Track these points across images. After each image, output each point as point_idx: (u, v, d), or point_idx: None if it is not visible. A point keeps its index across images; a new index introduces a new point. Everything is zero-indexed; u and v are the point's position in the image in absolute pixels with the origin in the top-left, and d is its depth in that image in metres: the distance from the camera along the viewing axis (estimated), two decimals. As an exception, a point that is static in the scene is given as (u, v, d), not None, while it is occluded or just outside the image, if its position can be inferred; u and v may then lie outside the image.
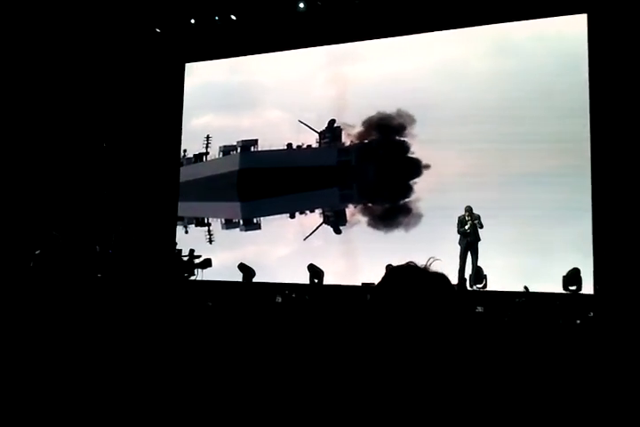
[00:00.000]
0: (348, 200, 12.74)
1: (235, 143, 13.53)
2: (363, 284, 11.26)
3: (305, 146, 12.71)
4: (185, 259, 12.70)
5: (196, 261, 12.52)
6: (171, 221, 14.29)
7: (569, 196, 10.73)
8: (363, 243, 12.41)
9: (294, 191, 12.70)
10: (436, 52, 12.35)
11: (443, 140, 11.86)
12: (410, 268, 1.93)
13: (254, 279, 12.26)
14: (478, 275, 10.51)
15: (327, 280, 11.91)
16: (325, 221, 12.81)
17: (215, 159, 13.83)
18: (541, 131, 11.07)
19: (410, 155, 12.05)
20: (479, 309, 7.91)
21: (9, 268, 9.01)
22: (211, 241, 13.76)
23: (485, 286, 10.47)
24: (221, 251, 13.30)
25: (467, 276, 10.81)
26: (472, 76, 11.86)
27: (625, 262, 9.56)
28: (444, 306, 1.88)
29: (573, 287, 10.00)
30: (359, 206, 12.58)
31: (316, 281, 11.77)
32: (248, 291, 11.15)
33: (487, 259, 10.87)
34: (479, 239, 10.91)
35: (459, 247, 11.09)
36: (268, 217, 13.10)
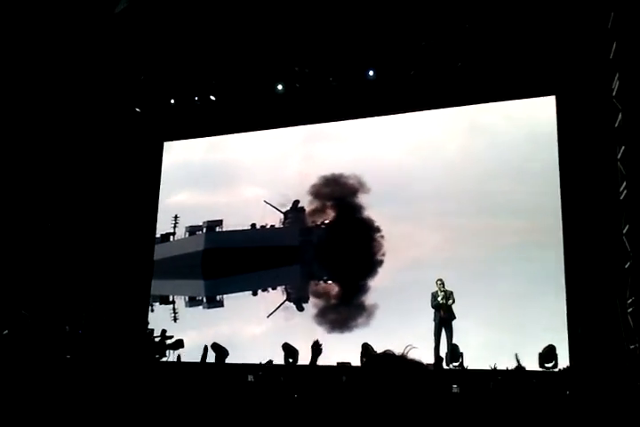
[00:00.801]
0: (309, 278, 12.93)
1: (201, 223, 13.79)
2: (338, 363, 10.97)
3: (269, 226, 13.09)
4: (157, 340, 12.36)
5: (168, 341, 12.19)
6: (143, 301, 13.99)
7: (543, 271, 10.72)
8: (333, 320, 12.38)
9: (257, 270, 12.94)
10: (410, 132, 12.62)
11: (416, 218, 11.99)
12: (388, 356, 1.99)
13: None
14: (454, 353, 10.27)
15: (302, 359, 11.62)
16: (288, 299, 12.92)
17: (181, 239, 14.06)
18: (514, 207, 11.20)
19: (376, 233, 12.18)
20: (455, 388, 7.66)
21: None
22: (175, 319, 13.68)
23: (462, 364, 10.20)
24: (190, 329, 13.06)
25: (443, 353, 10.59)
26: (446, 155, 12.08)
27: (599, 337, 9.47)
28: (420, 396, 1.94)
29: (549, 365, 9.82)
30: (321, 284, 12.74)
31: (291, 361, 11.42)
32: (220, 372, 10.79)
33: (463, 336, 10.69)
34: (454, 316, 10.79)
35: (432, 323, 10.95)
36: (230, 295, 13.22)
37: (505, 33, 11.00)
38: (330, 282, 12.62)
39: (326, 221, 12.66)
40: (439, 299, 10.85)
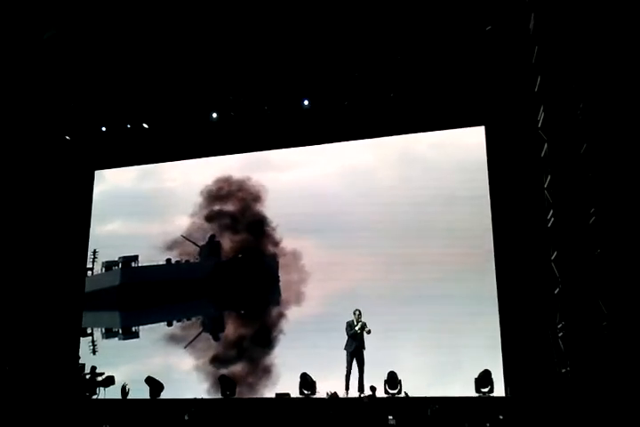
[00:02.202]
0: (221, 309, 13.21)
1: (117, 259, 13.90)
2: (277, 395, 10.85)
3: (184, 260, 13.42)
4: (87, 377, 11.96)
5: (99, 378, 11.82)
6: (73, 335, 13.52)
7: (476, 296, 10.96)
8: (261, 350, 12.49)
9: (171, 302, 13.30)
10: (344, 160, 12.78)
11: (349, 246, 12.08)
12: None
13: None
14: (393, 380, 10.29)
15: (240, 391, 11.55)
16: (204, 329, 13.16)
17: (97, 275, 14.11)
18: (447, 233, 11.43)
19: (299, 261, 12.44)
20: (391, 420, 7.66)
21: None
22: (94, 352, 13.58)
23: (400, 391, 10.24)
24: (121, 364, 12.86)
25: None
26: (380, 183, 12.29)
27: (533, 362, 9.70)
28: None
29: (485, 389, 9.95)
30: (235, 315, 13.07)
31: (228, 393, 11.22)
32: (154, 409, 10.52)
33: (400, 362, 10.74)
34: (364, 346, 10.94)
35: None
36: (145, 326, 13.45)
37: (436, 66, 11.32)
38: (242, 313, 13.01)
39: (239, 256, 13.09)
40: (356, 328, 10.97)
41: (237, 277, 13.01)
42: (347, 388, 10.80)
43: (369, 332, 10.86)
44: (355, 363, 10.93)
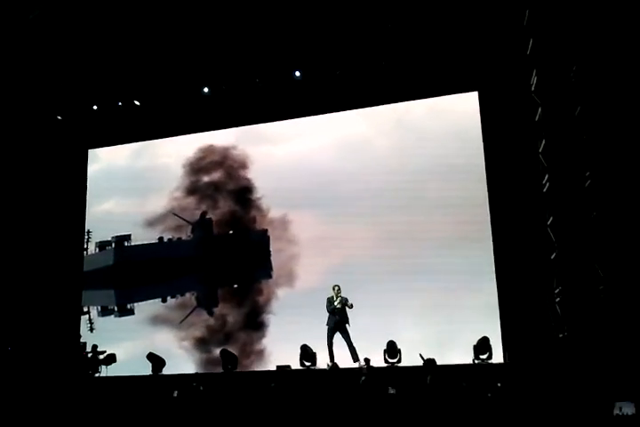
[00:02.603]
0: (214, 284, 13.27)
1: (110, 238, 13.95)
2: (278, 367, 10.91)
3: (176, 238, 13.54)
4: (89, 355, 12.05)
5: (100, 357, 11.91)
6: (74, 313, 13.60)
7: (474, 264, 10.91)
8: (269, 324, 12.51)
9: (164, 279, 13.40)
10: (338, 131, 12.64)
11: (349, 214, 12.00)
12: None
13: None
14: (392, 350, 10.32)
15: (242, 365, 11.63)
16: (199, 304, 13.27)
17: (91, 255, 14.13)
18: (444, 202, 11.33)
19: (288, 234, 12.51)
20: (391, 390, 7.69)
21: None
22: (92, 329, 13.70)
23: (400, 360, 10.28)
24: (120, 341, 12.89)
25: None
26: (375, 153, 12.17)
27: (531, 327, 9.73)
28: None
29: (484, 356, 9.97)
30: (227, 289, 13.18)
31: (230, 367, 11.29)
32: (151, 386, 10.59)
33: (399, 332, 10.73)
34: (347, 321, 10.93)
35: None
36: (140, 303, 13.58)
37: (427, 32, 11.18)
38: (235, 286, 13.10)
39: (230, 232, 13.16)
40: (335, 304, 10.94)
41: (229, 253, 13.06)
42: (331, 360, 10.79)
43: (351, 306, 10.80)
44: (341, 337, 10.91)
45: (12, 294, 12.98)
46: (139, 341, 12.99)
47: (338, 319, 10.91)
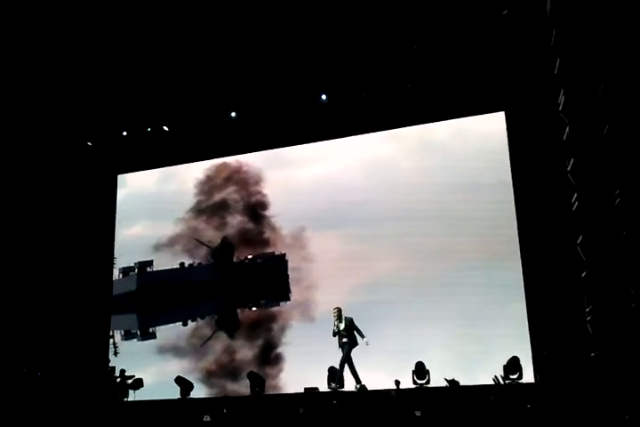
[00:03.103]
0: (235, 307, 13.39)
1: (133, 264, 14.24)
2: (306, 389, 10.82)
3: (196, 263, 13.83)
4: (117, 380, 12.08)
5: (128, 381, 11.94)
6: (102, 338, 13.66)
7: (502, 283, 10.81)
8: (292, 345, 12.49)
9: (184, 303, 13.73)
10: (364, 153, 12.70)
11: (373, 238, 12.00)
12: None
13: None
14: (421, 370, 10.18)
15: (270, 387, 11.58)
16: (219, 328, 13.42)
17: (115, 280, 14.41)
18: (471, 222, 11.28)
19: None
20: (417, 413, 7.56)
21: None
22: (116, 353, 13.87)
23: (429, 381, 10.14)
24: (144, 366, 13.08)
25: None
26: (401, 174, 12.19)
27: (562, 347, 9.53)
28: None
29: (514, 376, 9.81)
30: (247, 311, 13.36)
31: (257, 389, 11.22)
32: (180, 410, 10.57)
33: (427, 352, 10.64)
34: (354, 342, 10.82)
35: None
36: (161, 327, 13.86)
37: (453, 53, 11.18)
38: (254, 309, 13.28)
39: (249, 256, 13.39)
40: (334, 328, 10.93)
41: (249, 278, 13.26)
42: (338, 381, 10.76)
43: (355, 329, 10.74)
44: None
45: (41, 318, 13.09)
46: (159, 365, 13.20)
47: (343, 342, 10.82)
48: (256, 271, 13.15)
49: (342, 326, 10.85)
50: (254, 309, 13.20)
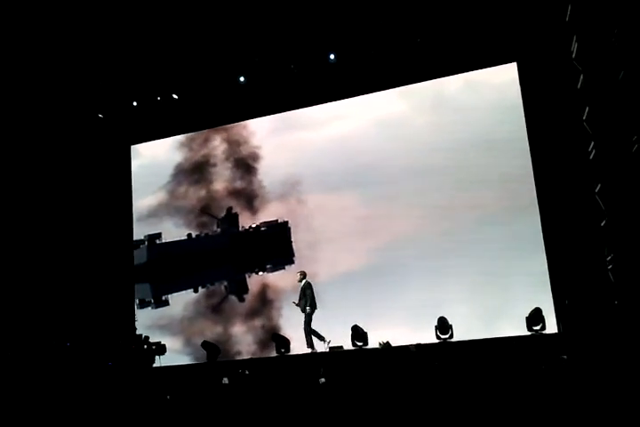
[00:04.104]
0: (242, 272, 13.68)
1: (143, 237, 14.56)
2: (330, 348, 10.95)
3: (203, 234, 14.21)
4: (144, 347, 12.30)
5: (153, 347, 12.17)
6: (127, 306, 13.90)
7: (522, 235, 10.80)
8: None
9: (194, 271, 14.08)
10: (377, 111, 12.54)
11: (390, 197, 11.99)
12: None
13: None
14: (444, 325, 10.26)
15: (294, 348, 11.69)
16: (229, 292, 13.80)
17: None
18: (488, 177, 11.22)
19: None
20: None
21: None
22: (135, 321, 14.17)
23: (452, 336, 10.23)
24: (167, 333, 13.54)
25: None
26: (414, 132, 12.05)
27: (584, 296, 9.55)
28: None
29: (537, 327, 9.86)
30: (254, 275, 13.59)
31: (283, 351, 11.39)
32: (206, 373, 10.75)
33: (449, 307, 10.71)
34: (302, 308, 11.42)
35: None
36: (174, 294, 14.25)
37: (461, 4, 10.95)
38: (260, 273, 13.52)
39: (253, 225, 13.64)
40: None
41: (254, 245, 13.51)
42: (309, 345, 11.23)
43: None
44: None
45: (66, 290, 13.35)
46: (178, 331, 13.67)
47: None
48: (261, 238, 13.47)
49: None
50: (260, 273, 13.51)
